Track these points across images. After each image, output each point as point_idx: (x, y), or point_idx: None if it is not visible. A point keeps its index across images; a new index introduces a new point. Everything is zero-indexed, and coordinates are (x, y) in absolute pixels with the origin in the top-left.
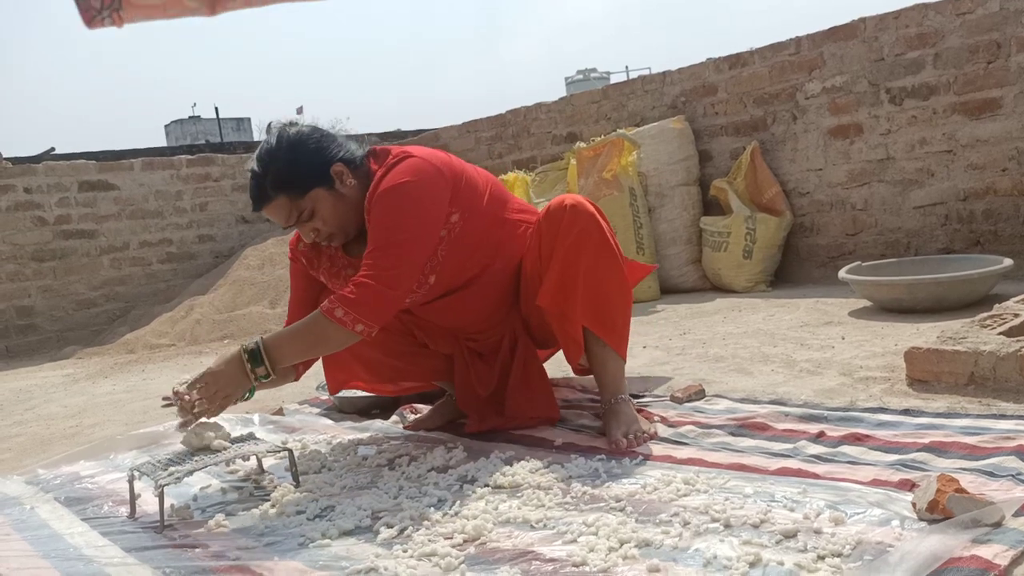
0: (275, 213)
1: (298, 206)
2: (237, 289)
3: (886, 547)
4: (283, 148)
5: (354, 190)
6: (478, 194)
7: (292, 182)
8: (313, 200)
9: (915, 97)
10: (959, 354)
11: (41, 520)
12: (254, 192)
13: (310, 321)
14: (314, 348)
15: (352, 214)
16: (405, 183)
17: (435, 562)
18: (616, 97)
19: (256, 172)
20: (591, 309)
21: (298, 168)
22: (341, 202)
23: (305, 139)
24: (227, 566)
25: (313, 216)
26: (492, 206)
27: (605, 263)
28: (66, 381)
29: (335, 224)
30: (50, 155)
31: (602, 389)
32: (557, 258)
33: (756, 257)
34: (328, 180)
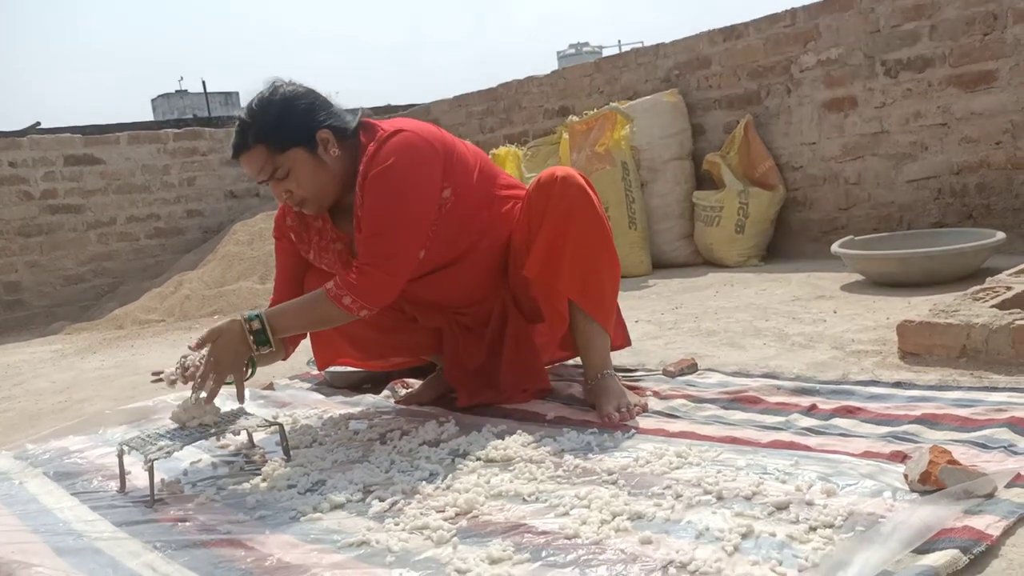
0: (250, 162)
1: (274, 161)
2: (226, 264)
3: (878, 518)
4: (275, 101)
5: (338, 161)
6: (468, 169)
7: (274, 135)
8: (291, 159)
9: (910, 70)
10: (951, 327)
11: (30, 495)
12: (236, 138)
13: (314, 301)
14: (314, 325)
15: (331, 184)
16: (399, 165)
17: (427, 535)
18: (609, 70)
19: (243, 119)
20: (578, 282)
21: (284, 123)
22: (321, 169)
23: (299, 97)
24: (218, 540)
25: (288, 176)
26: (482, 182)
27: (594, 236)
28: (54, 356)
29: (310, 189)
30: (35, 129)
31: (588, 365)
32: (545, 229)
33: (748, 231)
34: (312, 143)
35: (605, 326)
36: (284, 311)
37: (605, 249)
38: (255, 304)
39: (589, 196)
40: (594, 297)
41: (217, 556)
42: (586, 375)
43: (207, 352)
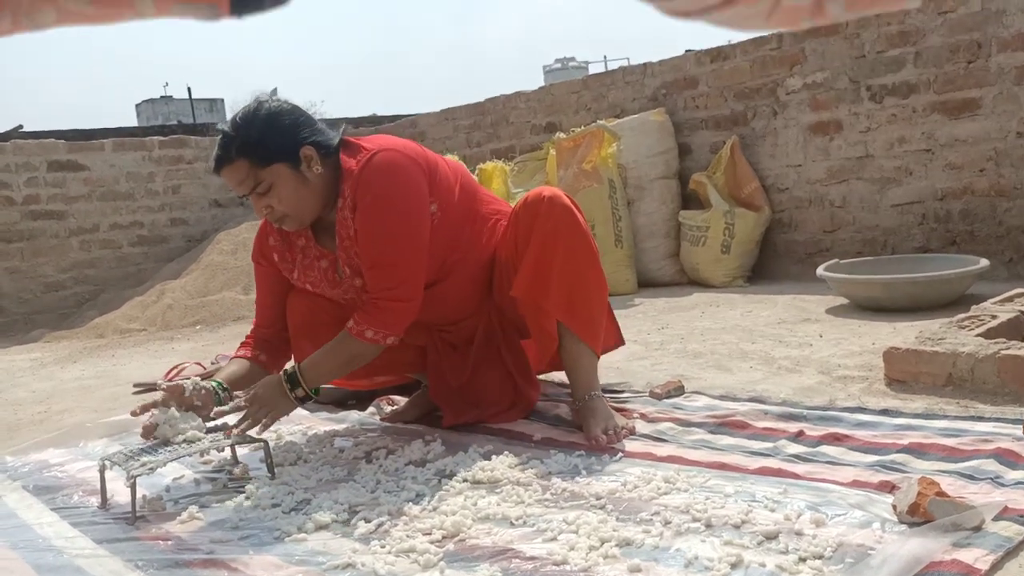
0: (232, 176)
1: (257, 175)
2: (210, 274)
3: (867, 550)
4: (259, 116)
5: (319, 178)
6: (450, 185)
7: (257, 149)
8: (274, 175)
9: (895, 95)
10: (937, 355)
11: (9, 509)
12: (218, 151)
13: (340, 343)
14: (347, 366)
15: (312, 200)
16: (388, 190)
17: (413, 559)
18: (596, 88)
19: (226, 132)
20: (566, 302)
21: (268, 138)
22: (303, 186)
23: (283, 113)
24: (201, 560)
25: (270, 191)
26: (464, 198)
27: (581, 256)
28: (34, 365)
29: (291, 206)
30: (18, 133)
31: (575, 386)
32: (533, 248)
33: (734, 252)
34: (295, 159)
35: (593, 346)
36: (316, 363)
37: (592, 268)
38: (237, 315)
39: (575, 216)
40: (582, 317)
41: None
42: (573, 396)
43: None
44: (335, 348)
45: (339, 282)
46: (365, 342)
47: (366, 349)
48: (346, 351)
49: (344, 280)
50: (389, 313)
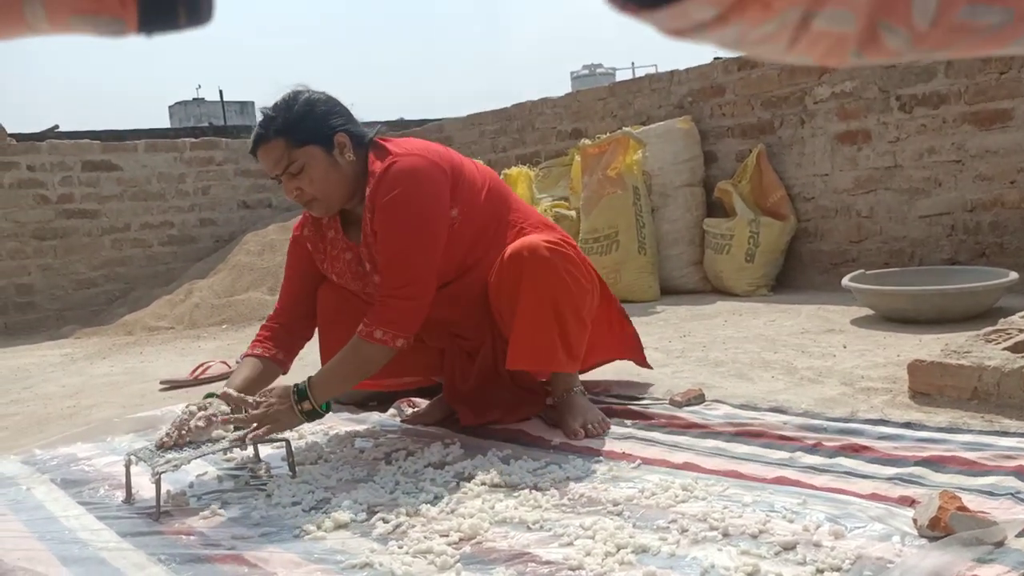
0: (268, 155)
1: (291, 155)
2: (236, 274)
3: (886, 563)
4: (299, 101)
5: (350, 166)
6: (476, 189)
7: (294, 130)
8: (307, 156)
9: (925, 105)
10: (963, 368)
11: (37, 501)
12: (257, 130)
13: (350, 349)
14: (358, 373)
15: (341, 187)
16: (407, 192)
17: (431, 560)
18: (623, 95)
19: (266, 113)
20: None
21: (305, 120)
22: (334, 170)
23: (321, 101)
24: (222, 555)
25: (301, 172)
26: (490, 202)
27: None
28: (64, 361)
29: (321, 189)
30: (54, 133)
31: (554, 383)
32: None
33: (759, 261)
34: (329, 144)
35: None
36: (326, 374)
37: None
38: (263, 315)
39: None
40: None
41: (221, 571)
42: (553, 392)
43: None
44: (345, 355)
45: (362, 275)
46: (375, 343)
47: (376, 353)
48: (356, 357)
49: (368, 273)
50: (397, 312)
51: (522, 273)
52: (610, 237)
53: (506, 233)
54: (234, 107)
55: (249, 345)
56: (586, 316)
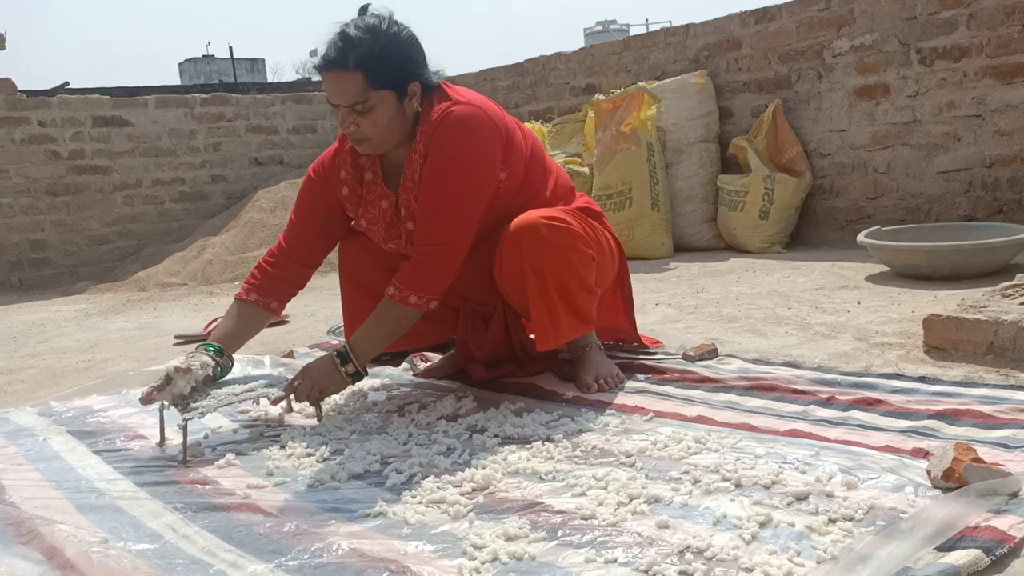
0: (340, 83)
1: (366, 94)
2: (249, 231)
3: (899, 513)
4: (388, 36)
5: (413, 115)
6: (522, 154)
7: (377, 69)
8: (380, 99)
9: (946, 58)
10: (979, 323)
11: (54, 451)
12: (334, 53)
13: (384, 312)
14: (394, 333)
15: (399, 134)
16: (464, 146)
17: (443, 509)
18: (637, 49)
19: (350, 36)
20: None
21: (390, 63)
22: (399, 118)
23: (408, 43)
24: (237, 503)
25: (369, 112)
26: (531, 169)
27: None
28: (78, 316)
29: (380, 133)
30: (64, 89)
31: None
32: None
33: (773, 218)
34: (403, 92)
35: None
36: (364, 336)
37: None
38: None
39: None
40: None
41: (236, 520)
42: (570, 347)
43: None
44: (380, 317)
45: (396, 222)
46: (409, 307)
47: (409, 314)
48: (391, 318)
49: (400, 221)
50: (430, 274)
51: (522, 254)
52: (623, 194)
53: (535, 204)
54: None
55: (242, 285)
56: (594, 284)
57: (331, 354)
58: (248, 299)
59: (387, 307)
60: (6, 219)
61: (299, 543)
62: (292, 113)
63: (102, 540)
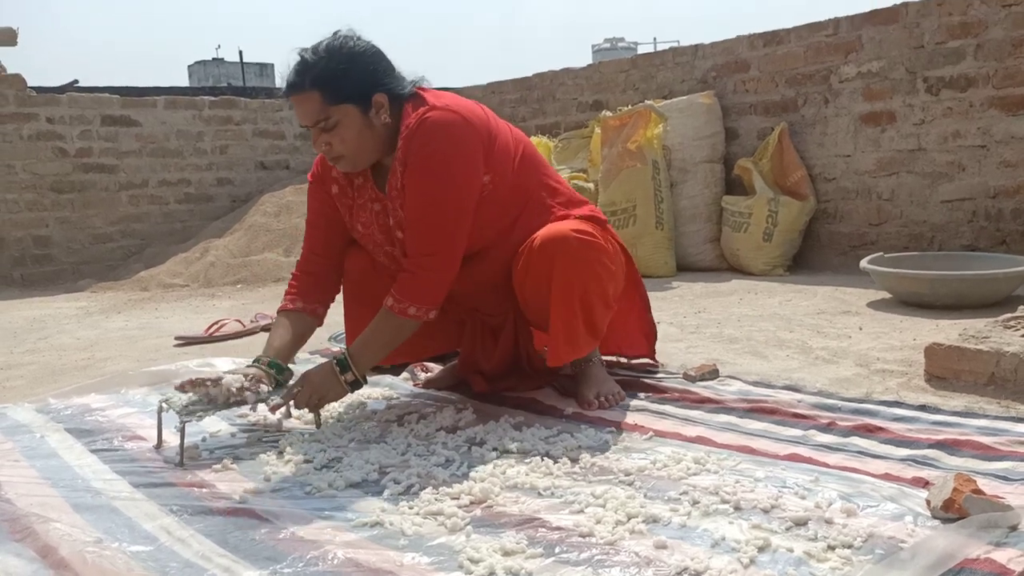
0: (301, 105)
1: (326, 111)
2: (252, 235)
3: (898, 542)
4: (342, 52)
5: (384, 127)
6: (509, 157)
7: (332, 86)
8: (342, 114)
9: (952, 88)
10: (981, 353)
11: (51, 449)
12: (293, 77)
13: (383, 323)
14: (393, 343)
15: (371, 147)
16: (441, 151)
17: (441, 521)
18: (645, 67)
19: (305, 59)
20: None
21: (345, 77)
22: (367, 131)
23: (366, 56)
24: (233, 508)
25: (334, 129)
26: (522, 171)
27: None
28: (79, 314)
29: (351, 148)
30: (73, 87)
31: None
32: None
33: (776, 240)
34: (366, 104)
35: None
36: (363, 345)
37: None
38: (278, 276)
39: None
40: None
41: (232, 524)
42: (572, 362)
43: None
44: (379, 327)
45: (389, 227)
46: (408, 318)
47: (408, 325)
48: (390, 328)
49: (392, 227)
50: (425, 284)
51: (552, 267)
52: (628, 211)
53: (536, 208)
54: (253, 69)
55: (283, 298)
56: (612, 300)
57: (330, 362)
58: (295, 308)
59: (386, 318)
60: (11, 214)
61: (295, 550)
62: None
63: (97, 540)
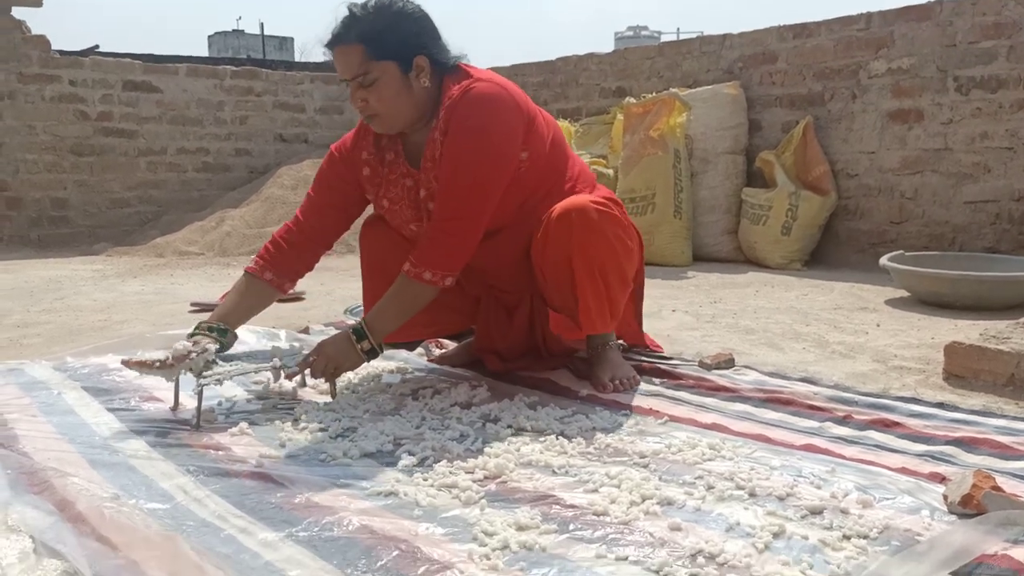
0: (342, 58)
1: (366, 66)
2: (269, 206)
3: (915, 535)
4: (391, 9)
5: (423, 92)
6: (543, 139)
7: (376, 41)
8: (382, 71)
9: (983, 88)
10: (1002, 354)
11: (68, 405)
12: (339, 28)
13: (400, 289)
14: (409, 311)
15: (409, 110)
16: (486, 123)
17: (455, 494)
18: (671, 55)
19: (353, 13)
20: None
21: (390, 33)
22: (405, 92)
23: (413, 18)
24: (249, 471)
25: (372, 85)
26: (553, 154)
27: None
28: (95, 276)
29: (386, 107)
30: (94, 52)
31: (590, 339)
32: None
33: (795, 235)
34: (407, 64)
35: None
36: (379, 313)
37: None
38: None
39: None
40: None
41: (248, 487)
42: (588, 344)
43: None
44: (396, 294)
45: (419, 202)
46: (424, 283)
47: (426, 291)
48: (407, 295)
49: (423, 200)
50: (444, 250)
51: (571, 237)
52: (647, 199)
53: (561, 190)
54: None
55: (253, 260)
56: (629, 276)
57: (346, 331)
58: (263, 277)
59: (403, 284)
60: (30, 175)
61: (310, 515)
62: (320, 93)
63: (114, 496)
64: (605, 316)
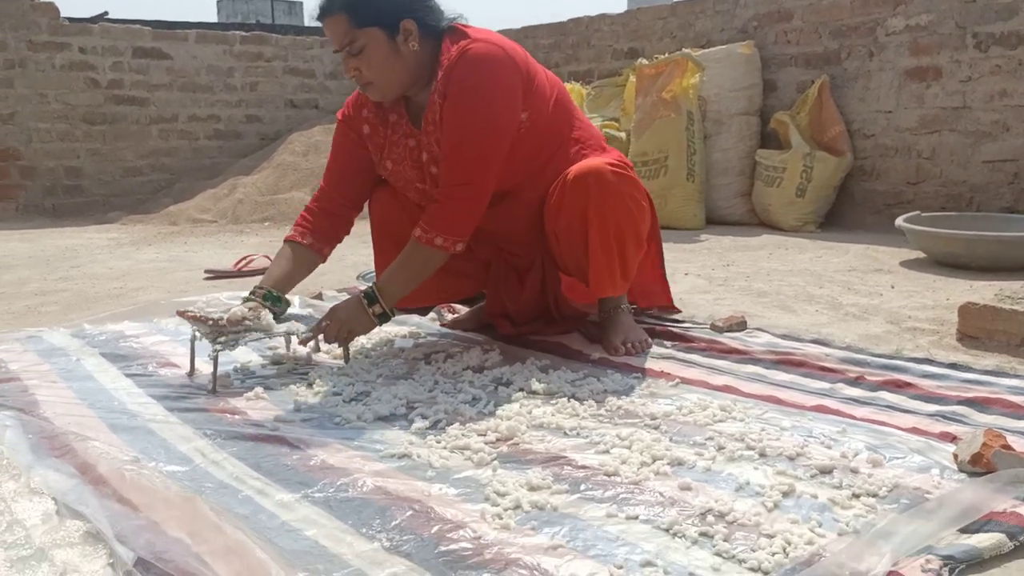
0: (330, 29)
1: (351, 35)
2: (280, 173)
3: (924, 493)
4: None
5: (413, 56)
6: (545, 98)
7: (359, 8)
8: (368, 38)
9: (1002, 45)
10: (1016, 314)
11: (87, 371)
12: (324, 1)
13: (410, 254)
14: (420, 276)
15: (401, 75)
16: (483, 84)
17: (467, 456)
18: (684, 15)
19: None
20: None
21: (374, 1)
22: (395, 58)
23: None
24: (265, 435)
25: (360, 53)
26: (556, 114)
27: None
28: (111, 244)
29: (377, 74)
30: (104, 18)
31: (602, 302)
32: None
33: (809, 196)
34: (393, 29)
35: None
36: (390, 277)
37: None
38: None
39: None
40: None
41: (264, 450)
42: (600, 308)
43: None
44: (407, 258)
45: (422, 163)
46: (434, 249)
47: (436, 255)
48: (418, 260)
49: (426, 163)
50: (455, 214)
51: (588, 199)
52: (659, 161)
53: (568, 151)
54: (282, 6)
55: (293, 228)
56: (643, 239)
57: (358, 295)
58: (304, 242)
59: (413, 249)
60: (43, 144)
61: (325, 476)
62: (330, 58)
63: (134, 459)
64: (616, 279)
